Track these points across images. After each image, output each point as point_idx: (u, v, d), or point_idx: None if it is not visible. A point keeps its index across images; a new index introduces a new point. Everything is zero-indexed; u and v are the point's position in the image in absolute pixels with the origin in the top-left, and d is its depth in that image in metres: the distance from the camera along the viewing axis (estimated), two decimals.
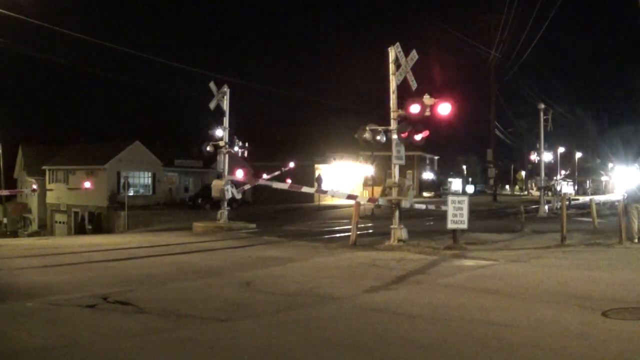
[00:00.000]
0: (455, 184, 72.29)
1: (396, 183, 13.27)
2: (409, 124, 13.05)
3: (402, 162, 13.39)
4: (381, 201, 13.96)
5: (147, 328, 5.46)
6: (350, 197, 14.56)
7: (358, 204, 14.30)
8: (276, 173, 25.62)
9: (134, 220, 29.85)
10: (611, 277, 8.47)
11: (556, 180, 40.48)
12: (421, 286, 7.97)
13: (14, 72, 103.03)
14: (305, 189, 15.39)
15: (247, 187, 24.42)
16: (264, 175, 24.59)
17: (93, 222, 34.31)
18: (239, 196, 20.95)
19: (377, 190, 37.42)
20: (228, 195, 19.07)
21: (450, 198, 13.03)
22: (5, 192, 32.00)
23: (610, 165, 54.02)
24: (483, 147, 54.33)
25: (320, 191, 16.10)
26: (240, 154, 20.85)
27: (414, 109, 12.82)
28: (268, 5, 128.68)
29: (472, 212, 13.85)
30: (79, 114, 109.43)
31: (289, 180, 19.71)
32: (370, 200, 15.25)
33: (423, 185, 61.95)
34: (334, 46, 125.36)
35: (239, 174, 15.45)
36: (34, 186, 34.84)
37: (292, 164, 28.72)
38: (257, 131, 46.86)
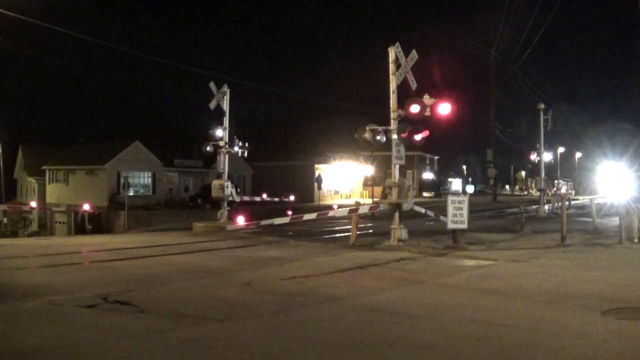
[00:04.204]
0: (455, 184, 72.25)
1: (396, 183, 13.27)
2: (408, 124, 13.06)
3: (402, 162, 13.39)
4: (382, 207, 13.93)
5: (147, 328, 5.46)
6: (352, 211, 14.62)
7: (357, 216, 14.38)
8: (276, 199, 28.91)
9: (134, 220, 29.82)
10: (611, 277, 8.47)
11: (558, 183, 40.53)
12: (421, 286, 7.97)
13: (14, 71, 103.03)
14: (306, 217, 15.67)
15: (247, 198, 27.85)
16: (264, 196, 27.32)
17: (93, 222, 34.29)
18: (237, 199, 21.10)
19: (377, 190, 37.40)
20: (227, 192, 19.11)
21: (450, 198, 13.03)
22: (4, 207, 32.36)
23: (603, 164, 54.15)
24: (483, 147, 54.41)
25: (322, 214, 16.43)
26: (240, 154, 20.88)
27: (414, 108, 12.83)
28: (268, 5, 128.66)
29: (472, 212, 13.84)
30: (79, 114, 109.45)
31: (289, 212, 21.09)
32: (371, 208, 15.27)
33: (423, 185, 61.94)
34: (335, 46, 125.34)
35: (240, 220, 16.05)
36: (33, 203, 35.67)
37: (292, 197, 31.42)
38: (257, 131, 46.90)
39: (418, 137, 13.12)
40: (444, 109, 12.65)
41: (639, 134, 46.02)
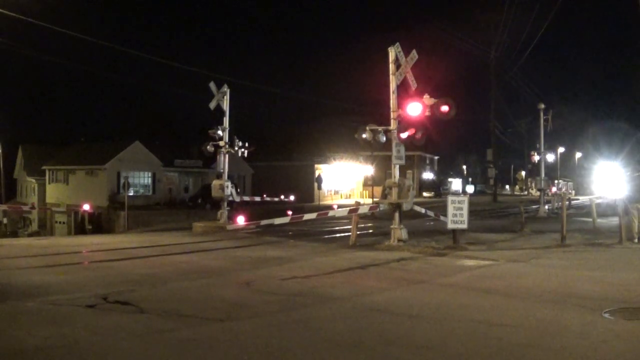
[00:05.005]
0: (455, 184, 72.23)
1: (396, 183, 13.26)
2: (408, 124, 13.05)
3: (402, 162, 13.38)
4: (382, 207, 13.92)
5: (147, 328, 5.46)
6: (352, 211, 14.62)
7: (357, 216, 14.37)
8: (276, 199, 29.47)
9: (134, 220, 29.82)
10: (611, 277, 8.47)
11: (558, 183, 40.57)
12: (421, 286, 7.98)
13: (14, 72, 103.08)
14: (307, 217, 15.66)
15: (247, 198, 28.13)
16: (265, 196, 27.80)
17: (93, 222, 34.31)
18: (237, 199, 21.13)
19: (377, 190, 37.42)
20: (227, 192, 19.11)
21: (450, 198, 13.01)
22: (4, 207, 32.42)
23: (601, 164, 54.17)
24: (483, 147, 54.45)
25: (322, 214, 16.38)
26: (240, 154, 20.89)
27: (414, 109, 12.83)
28: (268, 5, 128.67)
29: (472, 212, 13.83)
30: (79, 114, 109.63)
31: (289, 212, 21.00)
32: (371, 208, 15.25)
33: (423, 185, 61.93)
34: (334, 46, 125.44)
35: (240, 220, 16.05)
36: (34, 203, 35.79)
37: (292, 197, 31.90)
38: (257, 131, 46.86)
39: (418, 136, 13.12)
40: (444, 109, 12.64)
41: (636, 134, 46.11)
